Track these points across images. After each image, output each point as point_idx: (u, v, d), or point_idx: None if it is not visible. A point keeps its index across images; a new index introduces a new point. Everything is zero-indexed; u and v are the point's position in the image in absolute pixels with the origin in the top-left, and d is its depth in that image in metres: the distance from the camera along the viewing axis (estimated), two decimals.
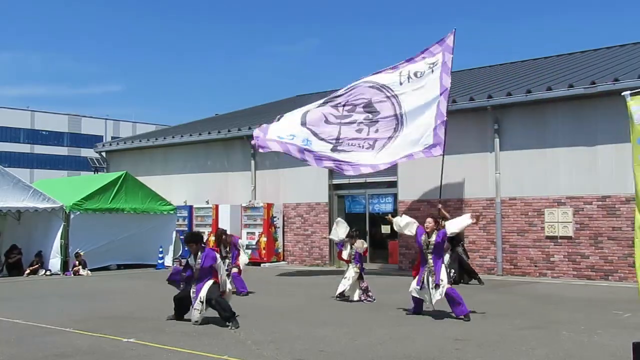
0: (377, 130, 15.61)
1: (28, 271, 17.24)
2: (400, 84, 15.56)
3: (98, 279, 16.54)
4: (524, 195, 16.00)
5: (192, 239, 9.47)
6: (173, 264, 19.55)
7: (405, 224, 10.10)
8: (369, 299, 11.55)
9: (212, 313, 9.16)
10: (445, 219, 11.39)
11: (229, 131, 22.05)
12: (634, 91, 6.43)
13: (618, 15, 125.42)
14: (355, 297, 11.58)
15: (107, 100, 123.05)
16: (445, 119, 14.82)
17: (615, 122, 14.45)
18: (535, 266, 15.70)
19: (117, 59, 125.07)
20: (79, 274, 17.24)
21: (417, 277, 9.74)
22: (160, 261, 19.34)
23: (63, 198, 18.04)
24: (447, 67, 15.10)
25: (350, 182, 19.50)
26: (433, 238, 9.61)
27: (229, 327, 8.65)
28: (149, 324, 9.14)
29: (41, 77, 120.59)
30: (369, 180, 19.04)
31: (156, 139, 24.92)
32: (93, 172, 27.24)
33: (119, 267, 18.98)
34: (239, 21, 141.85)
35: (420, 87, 15.35)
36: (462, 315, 9.27)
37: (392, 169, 18.28)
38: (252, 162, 21.47)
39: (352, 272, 11.69)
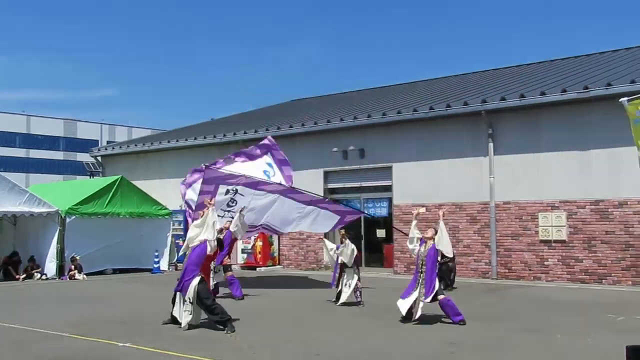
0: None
1: (23, 276, 17.23)
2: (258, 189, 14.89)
3: (94, 283, 16.53)
4: (518, 199, 16.08)
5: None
6: (169, 269, 19.56)
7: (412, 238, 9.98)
8: (359, 298, 11.63)
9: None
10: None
11: (224, 135, 22.09)
12: (631, 97, 6.49)
13: (611, 20, 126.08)
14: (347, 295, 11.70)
15: (102, 105, 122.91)
16: (327, 199, 15.97)
17: (608, 126, 14.56)
18: (530, 270, 15.78)
19: (113, 63, 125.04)
20: (75, 279, 17.23)
21: (408, 287, 9.66)
22: (156, 265, 19.33)
23: (59, 202, 18.04)
24: (282, 160, 15.60)
25: (346, 186, 19.57)
26: (429, 246, 9.59)
27: (225, 332, 8.68)
28: (144, 328, 9.16)
29: (37, 81, 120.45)
30: (364, 184, 19.11)
31: (152, 144, 24.94)
32: (89, 177, 27.16)
33: (115, 271, 18.96)
34: (236, 25, 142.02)
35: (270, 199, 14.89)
36: (457, 320, 9.30)
37: (387, 172, 18.40)
38: None
39: (354, 281, 11.74)
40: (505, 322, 9.54)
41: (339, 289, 11.92)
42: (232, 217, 13.64)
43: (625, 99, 6.44)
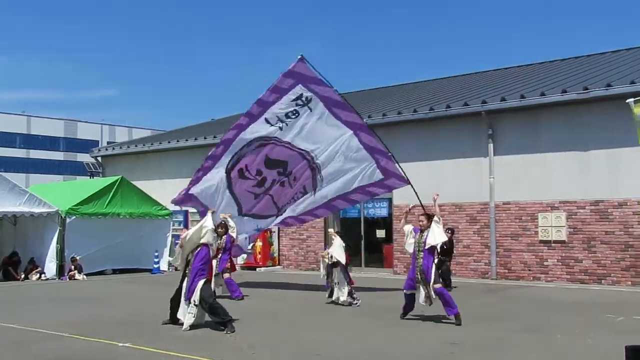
0: (295, 179, 13.98)
1: (23, 276, 17.25)
2: (281, 129, 13.31)
3: (94, 283, 16.55)
4: (518, 199, 16.09)
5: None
6: (169, 269, 19.57)
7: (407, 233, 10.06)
8: (355, 301, 11.63)
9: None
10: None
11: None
12: (638, 98, 6.51)
13: (611, 21, 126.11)
14: (342, 298, 11.69)
15: (102, 105, 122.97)
16: (389, 154, 13.34)
17: (608, 127, 14.59)
18: (529, 270, 15.78)
19: (113, 63, 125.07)
20: (75, 279, 17.24)
21: (408, 276, 9.86)
22: (155, 266, 19.35)
23: (59, 203, 18.06)
24: (335, 101, 12.99)
25: None
26: (425, 234, 9.61)
27: (225, 332, 8.68)
28: (144, 329, 9.17)
29: (37, 81, 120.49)
30: None
31: (152, 144, 24.95)
32: (89, 177, 27.18)
33: (115, 271, 18.98)
34: (236, 25, 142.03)
35: (307, 128, 13.27)
36: (453, 314, 9.29)
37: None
38: None
39: (344, 282, 11.76)
40: (505, 322, 9.54)
41: (330, 287, 12.01)
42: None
43: (632, 99, 6.47)
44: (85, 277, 17.47)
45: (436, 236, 9.56)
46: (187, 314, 9.13)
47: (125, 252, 19.00)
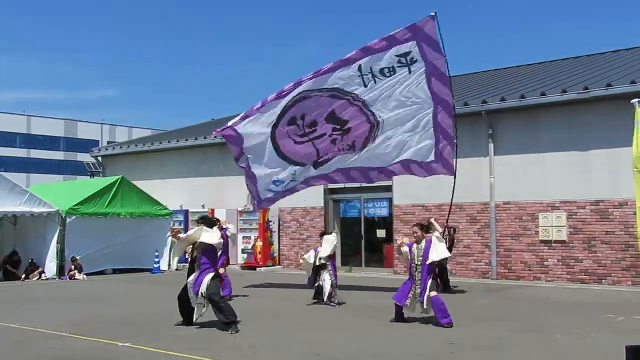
0: (351, 135, 13.22)
1: (23, 276, 17.26)
2: (365, 85, 12.43)
3: (94, 283, 16.55)
4: (518, 199, 16.09)
5: (204, 221, 9.42)
6: (169, 269, 19.57)
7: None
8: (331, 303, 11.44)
9: (211, 316, 9.18)
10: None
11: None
12: None
13: (611, 21, 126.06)
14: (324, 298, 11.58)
15: (102, 105, 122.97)
16: (455, 141, 12.67)
17: (608, 127, 14.59)
18: (530, 270, 15.79)
19: (113, 63, 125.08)
20: (75, 279, 17.25)
21: (402, 289, 9.55)
22: (156, 265, 19.35)
23: (59, 202, 18.06)
24: (439, 72, 12.12)
25: (346, 186, 19.55)
26: (422, 245, 9.44)
27: (229, 332, 8.63)
28: (144, 328, 9.17)
29: (37, 81, 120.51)
30: (364, 184, 19.08)
31: (152, 144, 24.96)
32: (89, 177, 27.19)
33: (115, 271, 18.98)
34: (236, 25, 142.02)
35: (394, 90, 12.44)
36: (445, 323, 9.01)
37: None
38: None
39: (328, 280, 11.58)
40: (505, 322, 9.54)
41: (315, 287, 11.82)
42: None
43: (637, 100, 6.47)
44: (85, 276, 17.48)
45: (439, 252, 9.33)
46: (196, 305, 9.06)
47: (125, 252, 19.01)
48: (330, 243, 11.83)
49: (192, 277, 9.14)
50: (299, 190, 14.77)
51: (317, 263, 11.76)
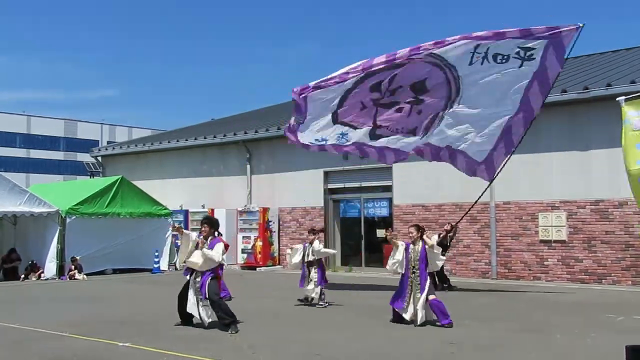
0: (420, 112, 12.45)
1: (23, 276, 17.25)
2: (470, 64, 11.57)
3: (94, 283, 16.55)
4: (518, 199, 16.09)
5: (208, 222, 9.33)
6: (169, 269, 19.57)
7: (396, 268, 9.59)
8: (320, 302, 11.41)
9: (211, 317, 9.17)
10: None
11: (224, 136, 22.12)
12: (628, 96, 6.51)
13: (611, 21, 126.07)
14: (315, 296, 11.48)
15: (102, 105, 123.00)
16: (513, 149, 12.45)
17: (608, 127, 14.54)
18: (530, 270, 15.78)
19: (113, 63, 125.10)
20: (75, 279, 17.24)
21: (398, 292, 9.45)
22: (156, 265, 19.34)
23: (59, 202, 18.06)
24: (546, 80, 11.59)
25: (346, 186, 19.59)
26: (419, 246, 9.38)
27: (229, 333, 8.62)
28: (144, 328, 9.17)
29: (37, 81, 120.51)
30: (364, 184, 19.13)
31: (152, 144, 24.97)
32: (89, 177, 27.20)
33: (115, 271, 18.98)
34: (236, 25, 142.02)
35: (493, 78, 11.68)
36: (446, 323, 9.00)
37: (387, 172, 18.39)
38: (248, 166, 21.53)
39: (316, 274, 11.50)
40: (505, 322, 9.54)
41: (306, 287, 11.63)
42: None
43: (623, 98, 6.47)
44: (85, 277, 17.47)
45: (436, 262, 9.51)
46: (201, 308, 8.98)
47: (125, 252, 19.00)
48: (322, 248, 11.75)
49: (192, 280, 9.10)
50: (349, 152, 13.85)
51: (309, 258, 11.56)
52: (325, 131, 13.00)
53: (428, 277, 9.33)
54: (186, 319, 9.25)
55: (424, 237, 9.54)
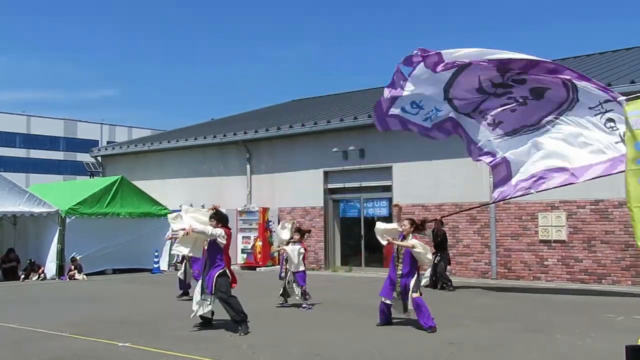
0: (520, 113, 11.71)
1: (23, 276, 17.25)
2: (590, 108, 10.98)
3: (94, 283, 16.55)
4: (518, 199, 16.04)
5: (217, 216, 9.02)
6: (169, 269, 19.56)
7: (383, 230, 9.33)
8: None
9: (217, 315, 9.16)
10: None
11: (224, 136, 22.12)
12: (630, 96, 6.53)
13: (611, 21, 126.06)
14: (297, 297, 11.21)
15: (102, 105, 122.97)
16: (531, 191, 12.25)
17: None
18: (529, 270, 15.79)
19: (113, 63, 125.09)
20: (75, 279, 17.24)
21: (385, 285, 9.24)
22: (156, 265, 19.35)
23: (59, 202, 18.05)
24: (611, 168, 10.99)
25: (345, 186, 19.60)
26: (408, 242, 9.06)
27: (239, 333, 8.51)
28: (144, 328, 9.17)
29: (37, 81, 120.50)
30: (364, 184, 19.13)
31: (152, 144, 24.96)
32: (89, 177, 27.20)
33: (115, 271, 18.98)
34: (236, 25, 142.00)
35: (587, 132, 11.19)
36: (427, 327, 8.61)
37: (387, 172, 18.40)
38: (248, 166, 21.53)
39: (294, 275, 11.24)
40: (505, 322, 9.54)
41: (283, 287, 11.39)
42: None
43: (624, 97, 6.49)
44: (85, 277, 17.47)
45: (424, 259, 9.11)
46: (203, 301, 8.85)
47: (125, 252, 19.00)
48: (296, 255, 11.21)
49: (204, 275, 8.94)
50: (433, 137, 12.93)
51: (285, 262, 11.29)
52: (426, 102, 11.98)
53: (416, 274, 9.00)
54: (206, 319, 9.07)
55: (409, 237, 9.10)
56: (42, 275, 17.33)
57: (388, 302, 9.20)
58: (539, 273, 15.63)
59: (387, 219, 18.55)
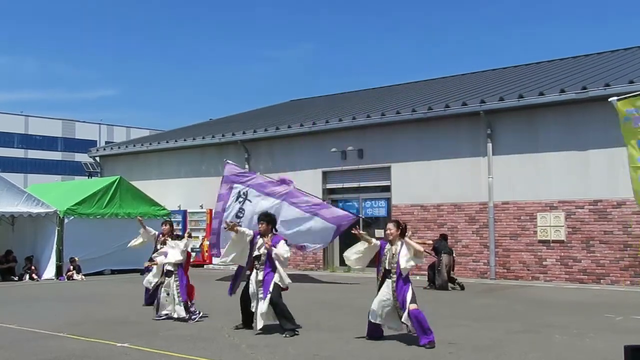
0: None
1: (17, 278, 17.20)
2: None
3: (92, 283, 16.52)
4: (517, 199, 16.09)
5: (266, 218, 8.83)
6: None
7: (356, 259, 8.30)
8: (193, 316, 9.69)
9: (212, 317, 9.14)
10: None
11: (223, 136, 22.09)
12: (620, 97, 6.52)
13: (610, 21, 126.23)
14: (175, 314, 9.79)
15: (101, 105, 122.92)
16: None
17: (606, 127, 14.55)
18: (528, 270, 15.79)
19: (111, 63, 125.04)
20: (73, 279, 17.21)
21: (377, 298, 8.01)
22: None
23: (57, 203, 18.02)
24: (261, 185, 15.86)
25: (344, 186, 19.58)
26: (397, 249, 7.91)
27: (284, 335, 8.37)
28: (143, 329, 9.16)
29: (35, 81, 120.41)
30: (363, 184, 19.12)
31: (150, 144, 24.93)
32: (87, 177, 27.17)
33: (113, 272, 18.95)
34: (235, 25, 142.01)
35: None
36: (426, 343, 7.60)
37: (386, 173, 18.40)
38: (247, 166, 21.48)
39: (175, 285, 9.91)
40: (504, 322, 9.54)
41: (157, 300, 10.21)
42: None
43: (615, 98, 6.48)
44: (83, 277, 17.44)
45: (408, 260, 7.79)
46: (259, 314, 8.54)
47: (123, 253, 18.86)
48: (179, 247, 10.13)
49: (254, 278, 8.70)
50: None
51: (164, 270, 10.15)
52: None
53: (410, 285, 7.88)
54: (249, 319, 8.86)
55: (407, 239, 7.90)
56: (34, 275, 17.21)
57: (375, 321, 8.09)
58: (537, 273, 15.63)
59: (386, 220, 18.57)
